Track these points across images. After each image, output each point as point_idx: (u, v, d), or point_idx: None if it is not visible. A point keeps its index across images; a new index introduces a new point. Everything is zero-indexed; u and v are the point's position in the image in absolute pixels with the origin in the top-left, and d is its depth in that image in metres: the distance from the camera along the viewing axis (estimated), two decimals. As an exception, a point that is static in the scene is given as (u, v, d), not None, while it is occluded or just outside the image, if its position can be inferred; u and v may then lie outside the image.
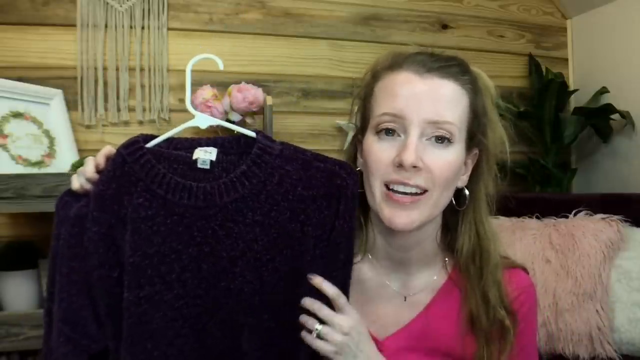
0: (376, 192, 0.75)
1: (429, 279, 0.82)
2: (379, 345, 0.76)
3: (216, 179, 0.74)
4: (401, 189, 0.73)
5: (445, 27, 2.03)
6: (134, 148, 0.73)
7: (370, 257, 0.82)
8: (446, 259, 0.83)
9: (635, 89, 1.89)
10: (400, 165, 0.72)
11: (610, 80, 1.96)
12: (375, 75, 0.80)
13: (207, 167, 0.75)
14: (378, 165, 0.74)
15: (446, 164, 0.73)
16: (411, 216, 0.73)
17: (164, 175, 0.72)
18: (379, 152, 0.74)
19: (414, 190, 0.73)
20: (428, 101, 0.73)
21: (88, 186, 0.73)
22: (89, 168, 0.73)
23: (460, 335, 0.77)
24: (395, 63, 0.78)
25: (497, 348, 0.75)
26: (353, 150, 0.85)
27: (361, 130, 0.82)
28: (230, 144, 0.79)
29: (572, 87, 2.12)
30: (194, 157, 0.75)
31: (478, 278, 0.78)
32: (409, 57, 0.78)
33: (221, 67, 0.79)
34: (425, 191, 0.73)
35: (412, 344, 0.77)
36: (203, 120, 0.81)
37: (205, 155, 0.76)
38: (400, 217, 0.73)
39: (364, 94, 0.82)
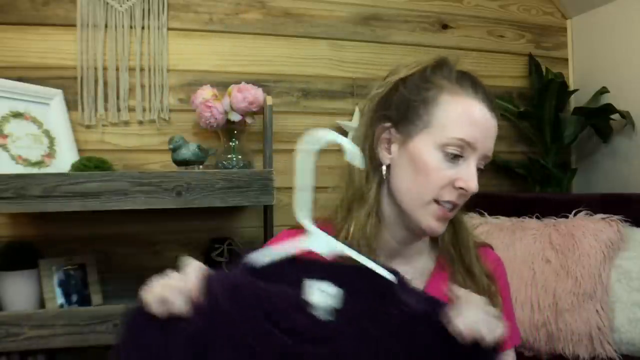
0: (425, 203, 0.81)
1: (422, 266, 0.90)
2: None
3: (339, 338, 0.53)
4: (449, 205, 0.82)
5: (445, 27, 2.03)
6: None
7: (375, 250, 0.85)
8: (431, 247, 0.92)
9: (635, 89, 1.89)
10: (460, 189, 0.80)
11: (610, 80, 1.96)
12: (438, 82, 0.83)
13: (328, 319, 0.56)
14: (438, 183, 0.80)
15: None
16: (446, 225, 0.84)
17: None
18: (442, 171, 0.80)
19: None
20: (490, 138, 0.83)
21: (179, 309, 0.64)
22: (189, 288, 0.66)
23: None
24: (461, 79, 0.83)
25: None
26: (370, 136, 0.87)
27: (397, 125, 0.84)
28: (357, 282, 0.58)
29: (572, 87, 2.11)
30: (307, 296, 0.57)
31: (460, 258, 0.88)
32: (478, 86, 0.84)
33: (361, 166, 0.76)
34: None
35: None
36: (321, 245, 0.62)
37: (323, 299, 0.56)
38: (442, 227, 0.83)
39: (415, 94, 0.84)
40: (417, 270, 0.89)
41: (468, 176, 0.80)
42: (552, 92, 1.95)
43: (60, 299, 1.41)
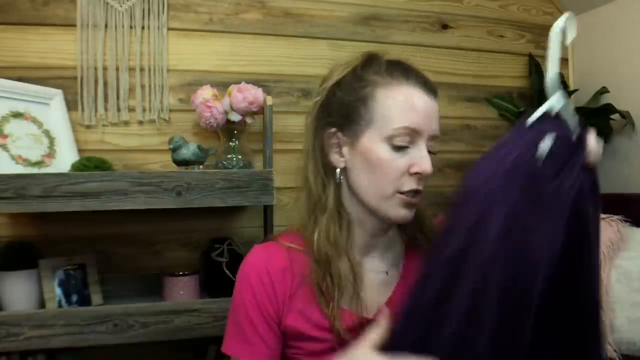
0: (387, 196, 0.83)
1: (396, 253, 0.93)
2: (369, 322, 0.82)
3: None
4: (412, 192, 0.84)
5: (445, 27, 2.03)
6: None
7: (347, 251, 0.87)
8: (399, 233, 0.95)
9: (635, 89, 1.89)
10: (417, 174, 0.82)
11: (610, 80, 1.97)
12: (369, 78, 0.86)
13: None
14: (394, 174, 0.82)
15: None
16: (414, 210, 0.86)
17: None
18: (394, 162, 0.82)
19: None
20: (434, 119, 0.85)
21: None
22: None
23: None
24: (393, 70, 0.85)
25: None
26: (318, 144, 0.90)
27: (342, 128, 0.87)
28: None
29: (572, 87, 2.11)
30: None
31: (425, 237, 0.92)
32: (410, 72, 0.86)
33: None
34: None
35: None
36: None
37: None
38: (411, 213, 0.85)
39: (349, 93, 0.86)
40: (393, 259, 0.92)
41: (421, 159, 0.82)
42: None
43: (60, 299, 1.41)
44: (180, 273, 1.50)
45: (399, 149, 0.82)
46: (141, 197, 1.32)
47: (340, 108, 0.86)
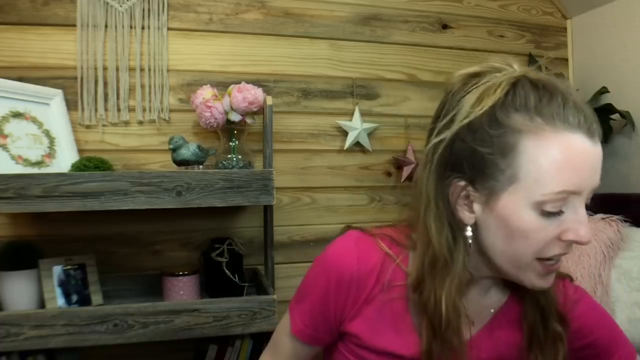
0: (528, 266, 0.69)
1: (495, 298, 0.82)
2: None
3: None
4: (555, 259, 0.70)
5: (445, 27, 2.03)
6: None
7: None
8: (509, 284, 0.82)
9: (635, 89, 1.89)
10: (572, 242, 0.67)
11: (610, 80, 1.97)
12: (517, 126, 0.65)
13: None
14: (540, 244, 0.67)
15: None
16: (553, 278, 0.73)
17: None
18: (543, 231, 0.66)
19: None
20: (596, 172, 0.67)
21: None
22: None
23: (521, 347, 0.79)
24: (550, 114, 0.64)
25: (552, 355, 0.78)
26: (441, 194, 0.72)
27: (473, 182, 0.69)
28: None
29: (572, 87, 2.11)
30: None
31: (533, 294, 0.78)
32: (567, 105, 0.65)
33: None
34: None
35: (477, 354, 0.78)
36: None
37: None
38: (550, 282, 0.72)
39: (492, 144, 0.66)
40: (490, 303, 0.81)
41: (578, 225, 0.66)
42: (552, 92, 1.94)
43: (60, 299, 1.41)
44: (180, 273, 1.50)
45: (550, 214, 0.65)
46: (141, 197, 1.32)
47: (472, 159, 0.68)
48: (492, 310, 0.80)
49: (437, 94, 1.97)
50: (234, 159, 1.61)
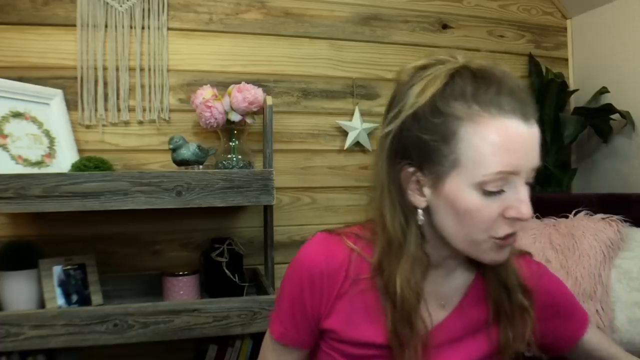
0: (481, 243, 0.73)
1: (462, 279, 0.86)
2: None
3: None
4: (509, 235, 0.74)
5: (445, 27, 2.03)
6: None
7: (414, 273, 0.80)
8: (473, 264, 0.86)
9: (635, 89, 1.89)
10: (514, 219, 0.72)
11: (610, 80, 1.97)
12: (453, 110, 0.70)
13: None
14: (487, 222, 0.71)
15: None
16: (509, 251, 0.77)
17: None
18: (486, 209, 0.71)
19: None
20: (533, 152, 0.71)
21: None
22: None
23: (488, 323, 0.83)
24: (487, 101, 0.69)
25: (522, 327, 0.83)
26: (394, 181, 0.77)
27: (421, 168, 0.74)
28: None
29: (572, 87, 2.12)
30: None
31: (495, 270, 0.82)
32: (501, 91, 0.70)
33: None
34: None
35: (443, 340, 0.81)
36: None
37: None
38: (506, 255, 0.76)
39: (430, 129, 0.71)
40: (457, 285, 0.85)
41: (519, 203, 0.70)
42: (552, 92, 1.95)
43: (60, 299, 1.41)
44: (180, 273, 1.50)
45: (491, 194, 0.70)
46: (141, 197, 1.32)
47: (418, 146, 0.72)
48: (462, 291, 0.84)
49: (437, 94, 1.98)
50: (234, 159, 1.61)
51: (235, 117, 1.57)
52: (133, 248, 1.68)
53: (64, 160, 1.50)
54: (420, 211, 0.76)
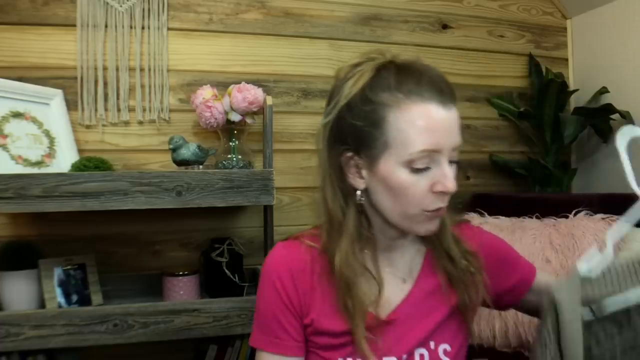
0: (415, 216, 0.83)
1: (414, 258, 0.94)
2: (383, 322, 0.86)
3: None
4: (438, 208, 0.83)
5: (445, 27, 2.03)
6: None
7: (367, 265, 0.89)
8: (423, 242, 0.96)
9: (635, 89, 1.89)
10: (441, 193, 0.81)
11: (610, 80, 1.96)
12: (381, 99, 0.80)
13: None
14: (418, 197, 0.81)
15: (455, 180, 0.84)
16: (439, 222, 0.88)
17: None
18: (416, 185, 0.81)
19: None
20: (454, 131, 0.82)
21: None
22: None
23: (446, 293, 0.91)
24: (408, 91, 0.79)
25: (474, 289, 0.91)
26: (337, 165, 0.87)
27: (359, 152, 0.84)
28: None
29: (572, 87, 2.11)
30: None
31: (440, 243, 0.92)
32: (421, 81, 0.80)
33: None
34: None
35: (412, 311, 0.89)
36: None
37: None
38: (437, 225, 0.87)
39: (362, 117, 0.82)
40: (412, 264, 0.94)
41: (444, 178, 0.81)
42: (552, 92, 1.95)
43: (60, 299, 1.41)
44: (180, 273, 1.50)
45: (419, 171, 0.80)
46: (141, 197, 1.32)
47: (353, 132, 0.83)
48: (418, 265, 0.93)
49: (437, 94, 1.98)
50: (234, 159, 1.61)
51: (235, 117, 1.57)
52: (133, 248, 1.68)
53: (64, 160, 1.50)
54: (358, 192, 0.86)
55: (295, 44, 1.86)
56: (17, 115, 1.45)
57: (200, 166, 1.52)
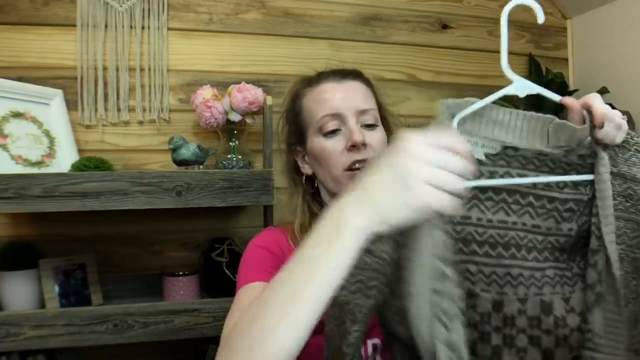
0: (340, 178, 0.96)
1: None
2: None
3: None
4: (360, 165, 0.94)
5: (445, 27, 2.03)
6: None
7: None
8: None
9: (635, 89, 1.89)
10: (353, 146, 0.94)
11: (610, 80, 1.96)
12: (298, 95, 1.06)
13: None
14: (334, 156, 0.96)
15: (380, 141, 0.99)
16: None
17: None
18: (332, 146, 0.96)
19: (364, 164, 0.95)
20: (353, 97, 0.97)
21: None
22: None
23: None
24: (312, 81, 1.03)
25: None
26: (292, 162, 1.09)
27: (299, 143, 1.06)
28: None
29: (572, 87, 2.12)
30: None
31: None
32: (322, 74, 1.03)
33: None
34: None
35: None
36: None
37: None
38: None
39: (292, 115, 1.07)
40: None
41: (351, 133, 0.94)
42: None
43: (60, 299, 1.41)
44: (180, 273, 1.50)
45: (330, 134, 0.96)
46: (141, 197, 1.32)
47: (293, 129, 1.07)
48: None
49: (437, 94, 1.97)
50: (234, 159, 1.61)
51: (235, 117, 1.57)
52: (133, 248, 1.68)
53: (64, 160, 1.50)
54: (304, 177, 1.07)
55: (295, 44, 1.86)
56: (17, 115, 1.45)
57: (200, 166, 1.52)
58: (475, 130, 0.71)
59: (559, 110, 2.08)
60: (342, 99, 0.97)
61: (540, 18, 0.73)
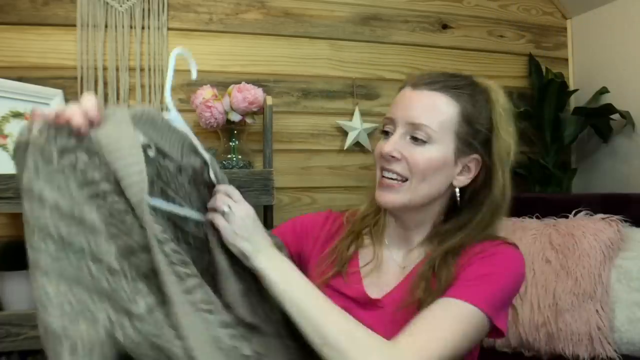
0: (377, 177, 0.94)
1: (417, 254, 0.96)
2: (377, 302, 0.91)
3: None
4: (388, 175, 0.90)
5: (445, 27, 2.03)
6: None
7: (384, 240, 0.99)
8: (431, 238, 0.96)
9: (635, 89, 1.89)
10: (380, 155, 0.92)
11: (610, 80, 1.97)
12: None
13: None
14: (377, 157, 0.94)
15: (421, 158, 0.88)
16: (393, 197, 0.90)
17: None
18: (379, 147, 0.94)
19: (395, 176, 0.90)
20: (411, 107, 0.90)
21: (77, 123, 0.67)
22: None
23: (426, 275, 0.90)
24: (403, 83, 0.96)
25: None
26: None
27: None
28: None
29: (572, 87, 2.12)
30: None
31: (433, 251, 0.91)
32: (409, 77, 0.96)
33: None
34: (405, 179, 0.89)
35: (403, 297, 0.89)
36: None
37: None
38: (386, 197, 0.91)
39: None
40: (416, 257, 0.95)
41: (386, 143, 0.91)
42: (552, 92, 1.95)
43: (60, 299, 1.40)
44: (180, 273, 1.50)
45: (383, 133, 0.94)
46: (141, 197, 1.31)
47: None
48: (421, 257, 0.94)
49: (437, 94, 1.97)
50: (234, 159, 1.61)
51: (235, 117, 1.57)
52: (133, 248, 1.68)
53: (64, 160, 1.50)
54: None
55: (295, 44, 1.86)
56: (17, 115, 1.45)
57: (200, 166, 1.51)
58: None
59: (560, 109, 2.08)
60: (402, 106, 0.92)
61: (194, 75, 0.91)
